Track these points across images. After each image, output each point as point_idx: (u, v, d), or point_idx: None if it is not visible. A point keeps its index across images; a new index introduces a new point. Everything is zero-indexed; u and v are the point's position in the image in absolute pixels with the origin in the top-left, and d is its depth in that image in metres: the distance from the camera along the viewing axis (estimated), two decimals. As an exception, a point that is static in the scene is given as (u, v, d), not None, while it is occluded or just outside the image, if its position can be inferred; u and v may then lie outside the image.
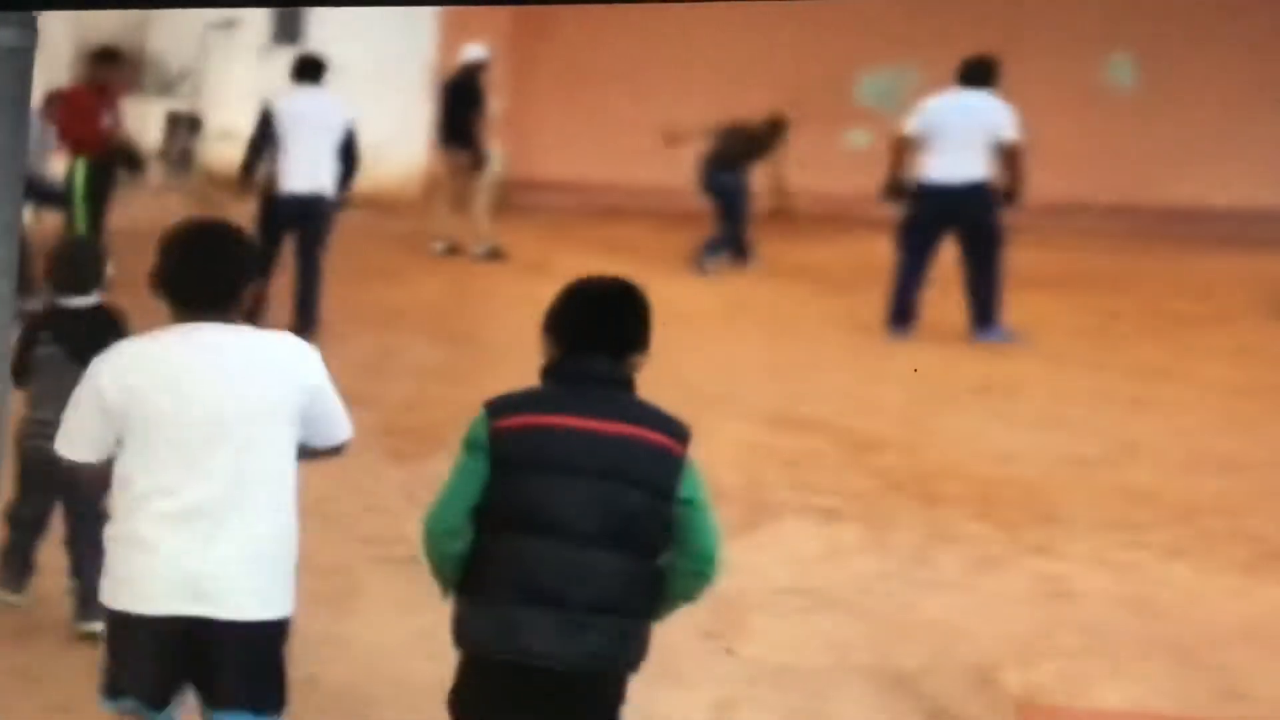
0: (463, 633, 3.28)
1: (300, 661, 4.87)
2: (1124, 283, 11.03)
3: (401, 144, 15.63)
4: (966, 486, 6.79)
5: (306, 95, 9.89)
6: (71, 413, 3.45)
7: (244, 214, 13.24)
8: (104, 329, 3.92)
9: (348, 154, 9.77)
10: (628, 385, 3.27)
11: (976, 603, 5.49)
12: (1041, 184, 10.12)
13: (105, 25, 17.33)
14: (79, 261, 4.77)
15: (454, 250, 12.48)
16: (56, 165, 10.88)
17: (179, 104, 16.03)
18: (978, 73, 10.06)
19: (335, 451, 3.66)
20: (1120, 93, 11.65)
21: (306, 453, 3.54)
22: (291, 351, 3.46)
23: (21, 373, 4.48)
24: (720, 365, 9.08)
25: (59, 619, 5.00)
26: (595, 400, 3.20)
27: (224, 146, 16.16)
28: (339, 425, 3.59)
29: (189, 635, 3.32)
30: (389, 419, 7.62)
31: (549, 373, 3.29)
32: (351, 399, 7.68)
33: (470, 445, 3.26)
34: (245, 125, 16.60)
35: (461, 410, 8.14)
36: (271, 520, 3.40)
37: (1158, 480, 6.96)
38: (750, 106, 14.24)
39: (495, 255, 12.41)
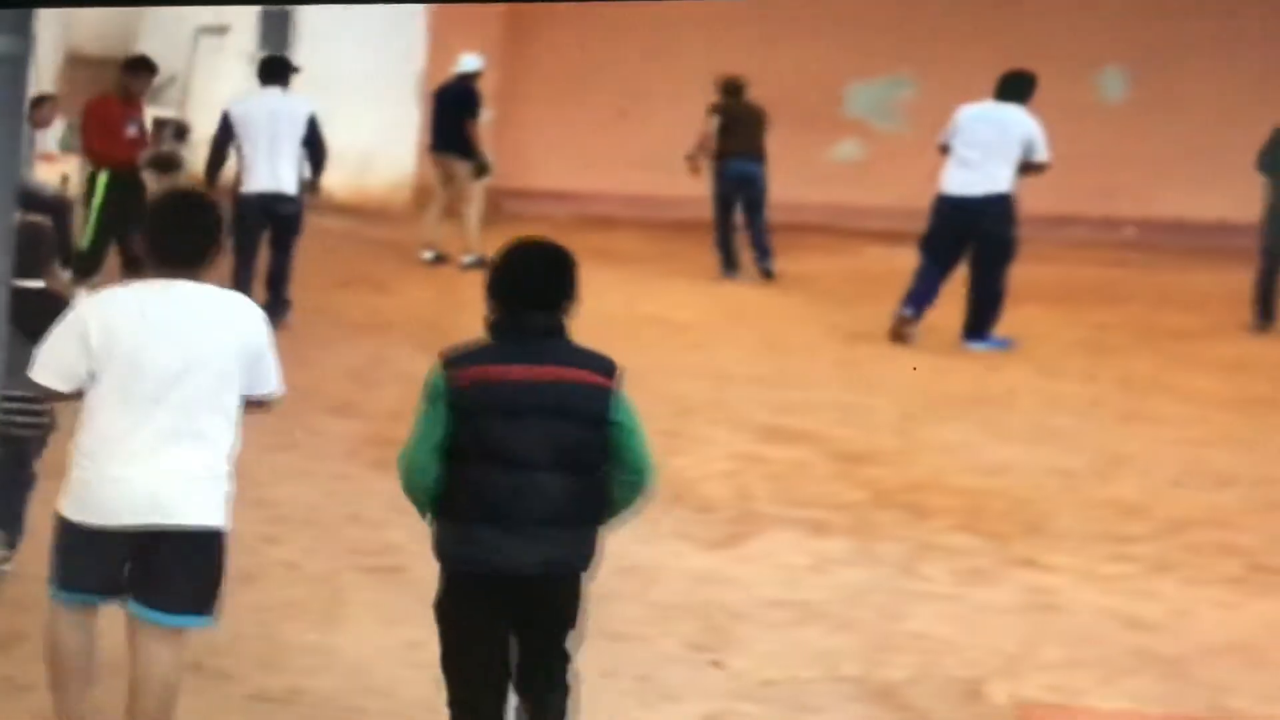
0: (441, 551, 3.84)
1: (286, 672, 4.86)
2: (1114, 295, 11.04)
3: (390, 152, 15.61)
4: (955, 498, 6.78)
5: (264, 97, 10.01)
6: (50, 345, 3.96)
7: (230, 217, 13.24)
8: (50, 311, 4.19)
9: (313, 146, 9.86)
10: (561, 333, 3.78)
11: (964, 615, 5.48)
12: (1033, 196, 10.12)
13: (93, 32, 17.32)
14: (28, 246, 4.86)
15: (441, 259, 12.44)
16: (43, 171, 10.88)
17: (166, 110, 15.99)
18: (1013, 87, 9.98)
19: (265, 404, 4.14)
20: (1111, 106, 11.66)
21: (246, 402, 4.04)
22: (245, 311, 4.07)
23: None
24: (711, 374, 9.07)
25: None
26: (535, 349, 3.73)
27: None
28: (272, 380, 4.08)
29: (135, 541, 3.86)
30: (376, 428, 7.59)
31: (494, 327, 3.80)
32: (339, 407, 7.68)
33: (431, 395, 3.76)
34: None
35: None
36: (218, 447, 3.96)
37: (1146, 493, 6.96)
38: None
39: (482, 265, 12.35)
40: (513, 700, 3.90)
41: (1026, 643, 5.25)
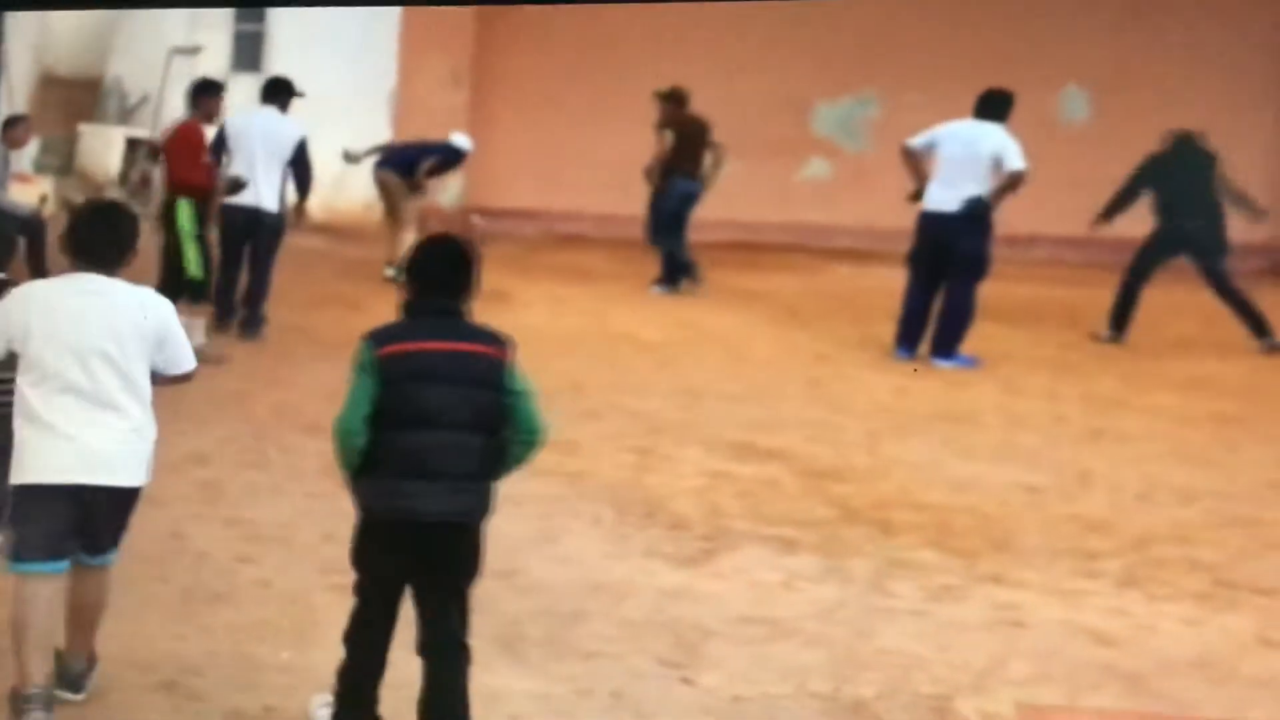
0: (365, 503, 4.32)
1: (259, 691, 4.88)
2: (1079, 314, 11.14)
3: (361, 172, 15.63)
4: (923, 515, 6.83)
5: (260, 115, 10.30)
6: None
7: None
8: None
9: (299, 168, 10.09)
10: (464, 314, 4.38)
11: (932, 631, 5.52)
12: (998, 216, 10.21)
13: (67, 53, 17.30)
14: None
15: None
16: (18, 191, 10.86)
17: (139, 130, 15.97)
18: (990, 105, 10.11)
19: (184, 378, 4.73)
20: (1074, 125, 11.78)
21: (164, 379, 4.66)
22: (149, 301, 4.64)
23: None
24: (681, 392, 9.12)
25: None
26: (445, 327, 4.33)
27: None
28: (185, 358, 4.69)
29: (80, 499, 4.52)
30: (349, 447, 7.62)
31: (410, 309, 4.40)
32: (313, 426, 7.70)
33: (361, 368, 4.29)
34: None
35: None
36: (137, 417, 4.57)
37: (1112, 510, 7.03)
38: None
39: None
40: None
41: (994, 658, 5.30)
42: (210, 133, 9.98)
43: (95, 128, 16.35)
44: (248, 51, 16.40)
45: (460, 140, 13.34)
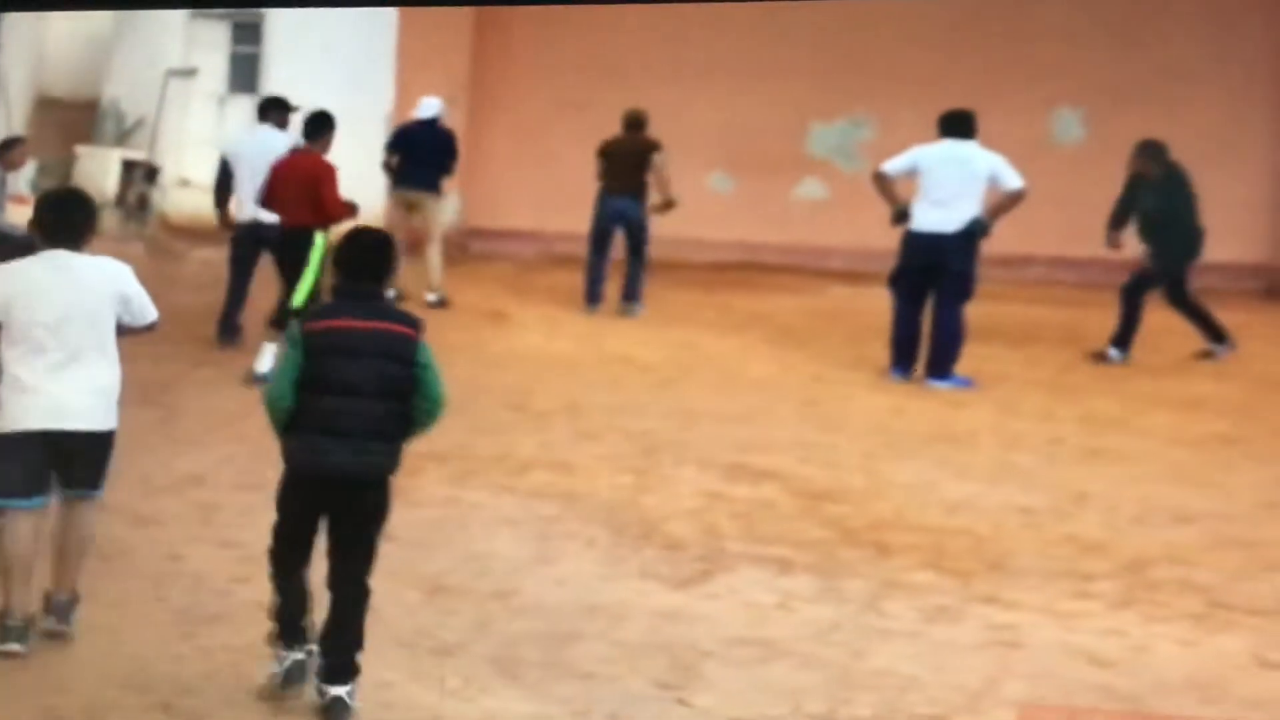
0: (289, 456, 4.98)
1: (256, 712, 4.89)
2: (1074, 334, 11.15)
3: (359, 194, 15.61)
4: (918, 536, 6.85)
5: (257, 133, 10.75)
6: None
7: (200, 260, 13.27)
8: None
9: None
10: (382, 297, 5.09)
11: (928, 652, 5.53)
12: (992, 236, 10.24)
13: (63, 75, 17.32)
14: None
15: (401, 298, 12.56)
16: (14, 214, 10.86)
17: (135, 152, 15.99)
18: (962, 124, 10.15)
19: (149, 328, 5.47)
20: (1067, 146, 11.81)
21: (132, 330, 5.41)
22: (111, 267, 5.43)
23: None
24: (676, 413, 9.13)
25: None
26: (365, 308, 4.96)
27: (182, 195, 16.14)
28: (149, 311, 5.44)
29: (53, 442, 5.25)
30: (345, 468, 7.63)
31: (337, 291, 5.07)
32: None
33: (292, 342, 4.95)
34: (203, 173, 16.64)
35: (417, 460, 8.11)
36: (103, 369, 5.32)
37: (1107, 531, 7.04)
38: (703, 159, 14.32)
39: (444, 304, 12.53)
40: None
41: (989, 680, 5.30)
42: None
43: (92, 149, 16.36)
44: (244, 73, 16.42)
45: (432, 106, 13.26)
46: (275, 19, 16.23)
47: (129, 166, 15.60)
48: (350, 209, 9.86)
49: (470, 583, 6.07)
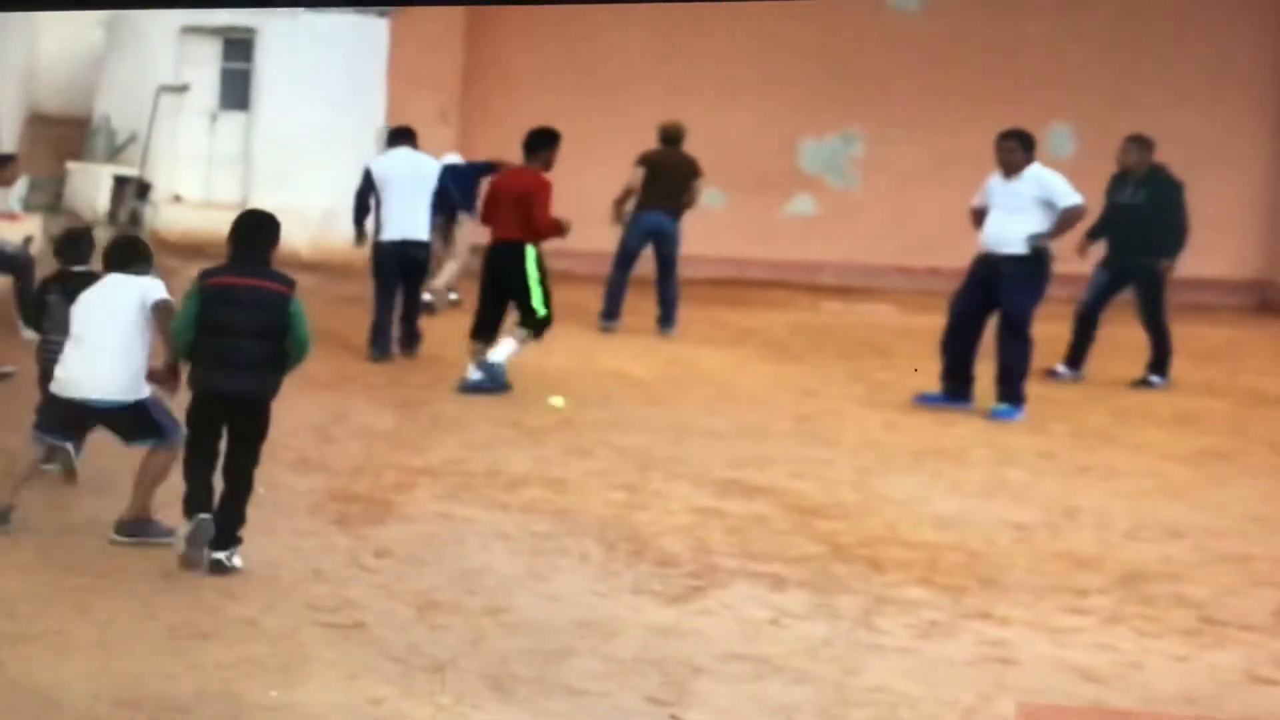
0: (192, 383, 6.44)
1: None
2: (1065, 348, 11.15)
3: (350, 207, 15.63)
4: (911, 551, 6.85)
5: (410, 156, 11.41)
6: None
7: (192, 277, 13.22)
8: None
9: (443, 196, 11.68)
10: (267, 262, 6.44)
11: (921, 668, 5.53)
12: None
13: (55, 91, 17.31)
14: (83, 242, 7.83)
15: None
16: (5, 230, 10.86)
17: (127, 169, 15.98)
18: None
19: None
20: (1061, 162, 11.83)
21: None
22: (149, 288, 6.74)
23: (39, 314, 7.71)
24: (669, 428, 9.13)
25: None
26: (250, 270, 6.37)
27: (174, 211, 16.13)
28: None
29: (87, 408, 6.73)
30: (337, 484, 7.63)
31: (230, 257, 6.46)
32: (300, 463, 7.72)
33: (190, 294, 6.37)
34: (194, 190, 16.68)
35: (410, 476, 8.13)
36: (126, 365, 6.67)
37: (1099, 546, 7.05)
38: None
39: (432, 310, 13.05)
40: None
41: (982, 695, 5.30)
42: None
43: (84, 166, 16.35)
44: (235, 89, 16.43)
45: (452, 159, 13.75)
46: (267, 35, 16.24)
47: (120, 182, 15.60)
48: (560, 227, 10.17)
49: (462, 599, 6.06)
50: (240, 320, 6.25)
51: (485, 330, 10.10)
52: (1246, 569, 6.73)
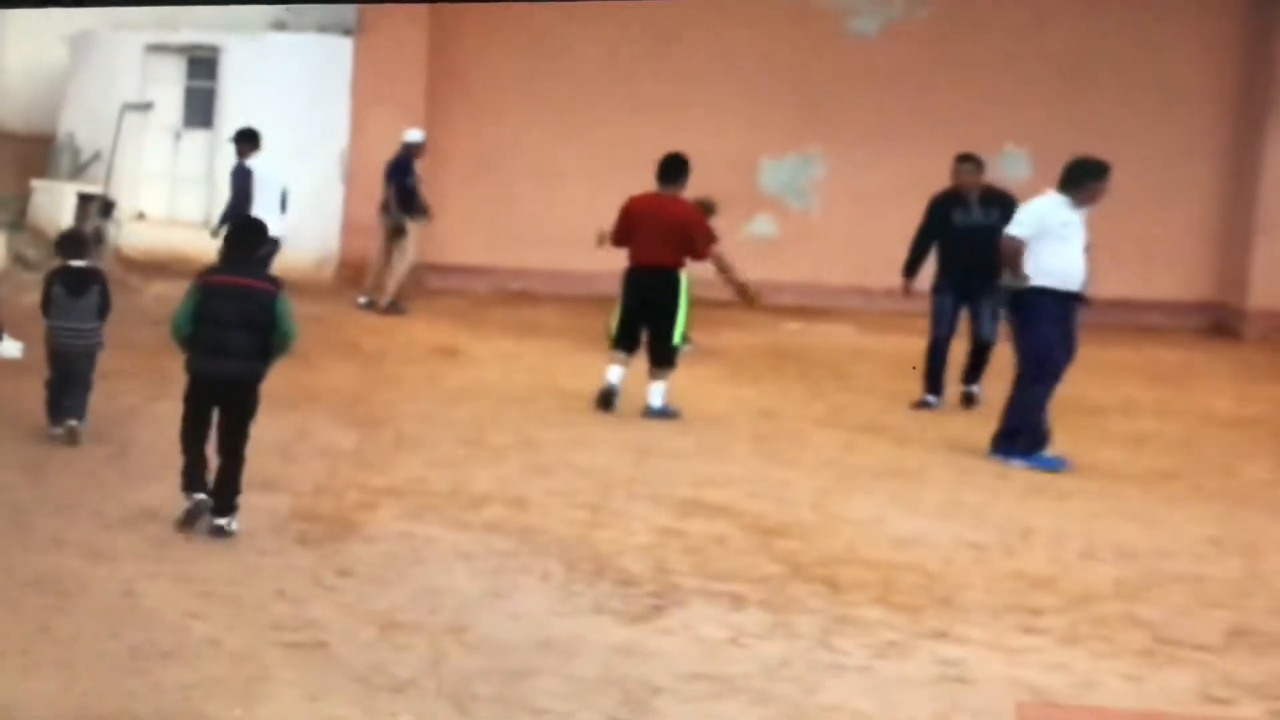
0: (189, 367, 7.26)
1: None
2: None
3: (314, 228, 15.63)
4: (869, 571, 6.91)
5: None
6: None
7: (155, 295, 13.21)
8: (90, 279, 8.92)
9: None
10: (253, 262, 7.49)
11: (878, 687, 5.58)
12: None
13: (19, 109, 17.26)
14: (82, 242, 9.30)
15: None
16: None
17: (91, 186, 15.94)
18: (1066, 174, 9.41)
19: None
20: (1015, 184, 11.95)
21: None
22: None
23: (47, 303, 8.89)
24: (630, 448, 9.18)
25: None
26: (240, 270, 7.29)
27: (138, 228, 16.09)
28: None
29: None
30: (299, 503, 7.65)
31: (222, 258, 7.71)
32: (264, 483, 7.73)
33: (190, 290, 7.26)
34: (158, 207, 16.65)
35: (372, 495, 8.14)
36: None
37: (1054, 566, 7.12)
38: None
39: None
40: None
41: (938, 715, 5.36)
42: None
43: (47, 183, 16.31)
44: (200, 107, 16.42)
45: (412, 134, 14.51)
46: (231, 53, 16.25)
47: (84, 200, 15.56)
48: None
49: (424, 618, 6.08)
50: (232, 313, 7.10)
51: (628, 343, 10.38)
52: (1199, 590, 6.81)
